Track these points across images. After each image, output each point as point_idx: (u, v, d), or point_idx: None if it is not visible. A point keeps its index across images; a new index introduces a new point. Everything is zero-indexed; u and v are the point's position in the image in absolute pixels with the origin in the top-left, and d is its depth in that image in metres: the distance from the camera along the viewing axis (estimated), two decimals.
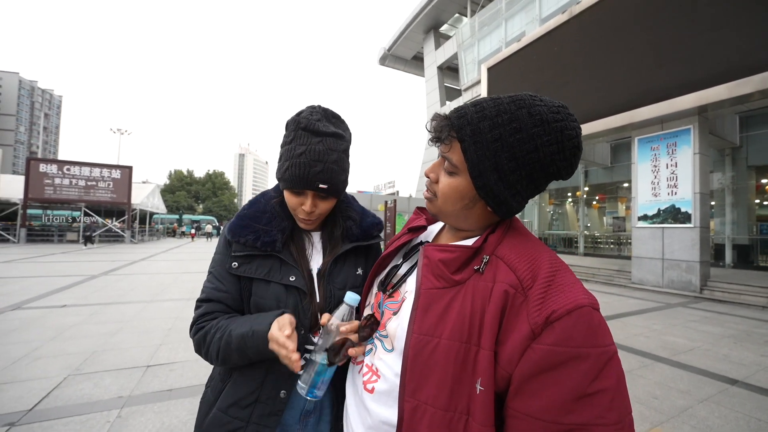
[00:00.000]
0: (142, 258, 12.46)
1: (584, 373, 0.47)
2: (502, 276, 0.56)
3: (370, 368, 0.68)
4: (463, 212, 0.64)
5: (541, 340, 0.49)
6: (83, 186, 18.77)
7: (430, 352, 0.56)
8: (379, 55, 27.10)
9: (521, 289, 0.53)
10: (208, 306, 0.85)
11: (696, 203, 7.62)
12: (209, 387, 0.89)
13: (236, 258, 0.85)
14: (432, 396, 0.55)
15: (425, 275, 0.62)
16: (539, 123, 0.55)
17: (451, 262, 0.60)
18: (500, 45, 16.26)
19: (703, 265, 7.59)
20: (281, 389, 0.81)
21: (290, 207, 0.87)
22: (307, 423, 0.85)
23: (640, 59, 8.28)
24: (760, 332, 4.77)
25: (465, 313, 0.55)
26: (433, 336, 0.56)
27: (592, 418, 0.46)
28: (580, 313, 0.49)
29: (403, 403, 0.57)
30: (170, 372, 2.98)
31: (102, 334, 3.91)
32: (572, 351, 0.47)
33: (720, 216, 11.79)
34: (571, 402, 0.46)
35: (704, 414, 2.51)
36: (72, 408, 2.35)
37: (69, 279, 7.47)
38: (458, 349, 0.54)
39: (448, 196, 0.63)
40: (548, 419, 0.47)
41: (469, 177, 0.60)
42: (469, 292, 0.57)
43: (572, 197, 17.24)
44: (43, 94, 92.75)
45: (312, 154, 0.79)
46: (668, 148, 8.17)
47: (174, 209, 47.70)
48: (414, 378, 0.57)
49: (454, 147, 0.61)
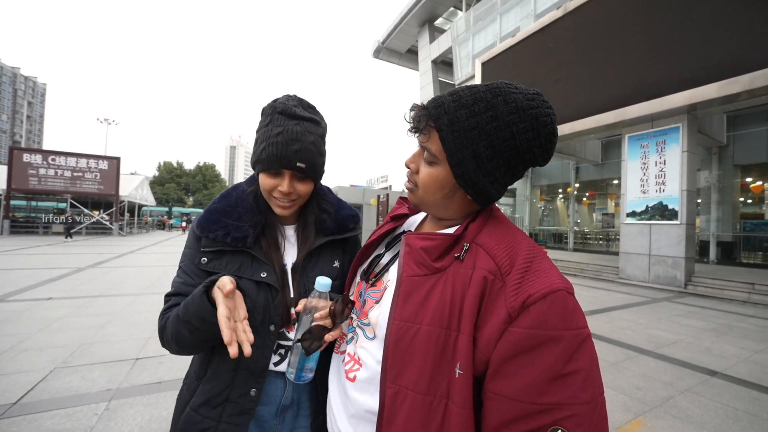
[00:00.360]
0: (130, 251, 12.27)
1: (558, 354, 0.48)
2: (481, 263, 0.56)
3: (352, 357, 0.69)
4: (443, 201, 0.64)
5: (518, 324, 0.50)
6: (69, 177, 18.33)
7: (411, 338, 0.57)
8: (373, 48, 26.82)
9: (500, 275, 0.54)
10: (176, 299, 0.82)
11: (683, 200, 7.78)
12: (185, 384, 0.87)
13: (205, 253, 0.82)
14: (413, 381, 0.56)
15: (407, 263, 0.62)
16: (515, 110, 0.56)
17: (432, 250, 0.60)
18: (495, 40, 16.23)
19: (688, 261, 7.78)
20: (251, 387, 0.79)
21: (266, 190, 0.83)
22: (284, 418, 0.84)
23: (632, 57, 8.36)
24: (741, 326, 4.93)
25: (445, 299, 0.56)
26: (414, 322, 0.57)
27: (565, 397, 0.47)
28: (555, 297, 0.50)
29: (384, 389, 0.58)
30: (159, 365, 2.96)
31: (90, 326, 3.85)
32: (547, 333, 0.49)
33: (705, 213, 12.08)
34: (546, 383, 0.48)
35: (685, 404, 2.60)
36: (59, 401, 2.32)
37: (55, 271, 7.32)
38: (438, 334, 0.55)
39: (428, 186, 0.63)
40: (524, 400, 0.48)
41: (448, 166, 0.60)
42: (449, 279, 0.58)
43: (563, 193, 17.45)
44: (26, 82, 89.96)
45: (289, 134, 0.78)
46: (657, 146, 8.30)
47: (163, 202, 46.98)
48: (395, 364, 0.57)
49: (433, 136, 0.61)
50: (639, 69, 8.23)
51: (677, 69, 7.57)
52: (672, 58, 7.66)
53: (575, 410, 0.47)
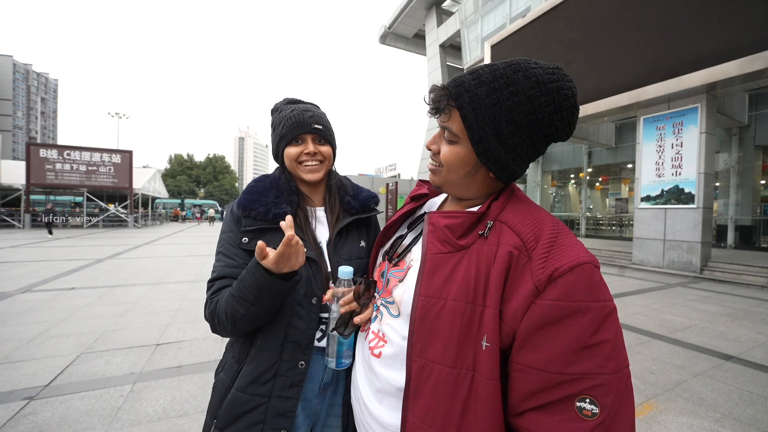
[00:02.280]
0: (146, 242, 12.59)
1: (586, 325, 0.49)
2: (506, 239, 0.58)
3: (376, 334, 0.71)
4: (466, 180, 0.65)
5: (545, 296, 0.51)
6: (84, 171, 18.77)
7: (436, 313, 0.58)
8: (379, 33, 26.32)
9: (525, 250, 0.55)
10: (221, 282, 0.84)
11: (700, 184, 7.56)
12: (222, 371, 0.88)
13: (247, 233, 0.86)
14: (439, 354, 0.57)
15: (431, 241, 0.63)
16: (535, 85, 0.56)
17: (456, 228, 0.61)
18: (504, 21, 15.75)
19: (704, 246, 7.61)
20: (300, 360, 0.82)
21: (293, 159, 0.91)
22: (325, 396, 0.87)
23: (647, 35, 8.03)
24: (758, 311, 4.84)
25: (470, 275, 0.57)
26: (440, 298, 0.59)
27: (592, 367, 0.48)
28: (582, 270, 0.51)
29: (411, 363, 0.60)
30: (179, 350, 3.07)
31: (111, 314, 4.00)
32: (574, 305, 0.50)
33: (724, 197, 11.71)
34: (573, 353, 0.49)
35: (698, 387, 2.59)
36: (87, 383, 2.44)
37: (76, 263, 7.58)
38: (464, 309, 0.56)
39: (451, 164, 0.64)
40: (552, 370, 0.50)
41: (470, 144, 0.61)
42: (474, 256, 0.59)
43: (575, 179, 17.12)
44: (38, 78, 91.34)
45: (301, 108, 0.92)
46: (674, 128, 8.04)
47: (175, 194, 47.76)
48: (421, 338, 0.59)
49: (454, 116, 0.62)
50: (655, 48, 7.91)
51: (695, 46, 7.25)
52: (689, 34, 7.33)
53: (602, 380, 0.48)
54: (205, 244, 12.24)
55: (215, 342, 3.26)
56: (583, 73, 9.42)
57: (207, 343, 3.22)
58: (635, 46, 8.27)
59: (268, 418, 0.79)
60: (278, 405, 0.80)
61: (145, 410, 2.15)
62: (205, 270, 7.08)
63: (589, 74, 9.28)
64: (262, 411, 0.79)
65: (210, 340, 3.29)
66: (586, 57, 9.39)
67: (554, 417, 0.50)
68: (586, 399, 0.48)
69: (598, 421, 0.47)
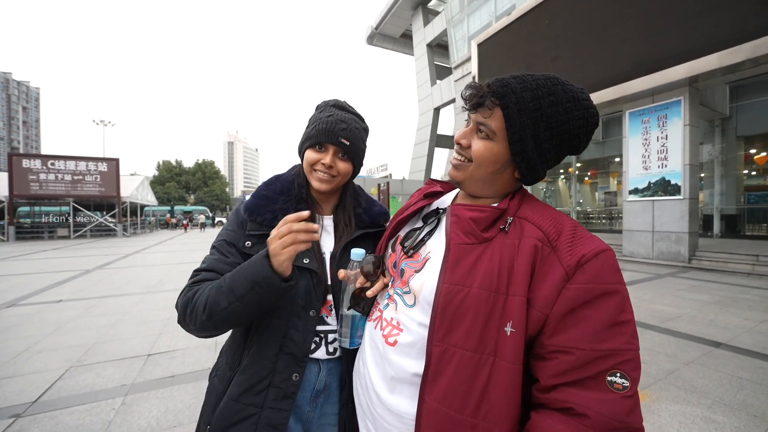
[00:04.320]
0: (135, 251, 12.38)
1: (615, 305, 0.55)
2: (528, 232, 0.63)
3: (389, 323, 0.73)
4: (492, 177, 0.69)
5: (575, 281, 0.56)
6: (70, 180, 18.35)
7: (460, 300, 0.61)
8: (366, 34, 26.33)
9: (548, 242, 0.61)
10: (206, 274, 0.81)
11: (686, 175, 7.71)
12: (215, 377, 0.87)
13: (251, 237, 0.85)
14: (461, 340, 0.60)
15: (455, 232, 0.67)
16: (572, 99, 0.63)
17: (481, 221, 0.65)
18: (490, 20, 15.88)
19: (691, 236, 7.76)
20: (294, 372, 0.81)
21: (309, 164, 0.89)
22: (317, 404, 0.87)
23: (631, 30, 8.17)
24: (745, 297, 4.95)
25: (494, 266, 0.61)
26: (464, 286, 0.62)
27: (622, 344, 0.54)
28: (606, 255, 0.57)
29: (431, 348, 0.62)
30: (171, 359, 3.02)
31: (101, 326, 3.92)
32: (603, 287, 0.55)
33: (709, 187, 11.98)
34: (604, 330, 0.54)
35: (689, 375, 2.63)
36: (76, 398, 2.38)
37: (63, 274, 7.41)
38: (488, 297, 0.60)
39: (483, 159, 0.67)
40: (585, 347, 0.54)
41: (507, 142, 0.65)
42: (496, 249, 0.63)
43: (564, 174, 17.33)
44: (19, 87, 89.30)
45: (339, 116, 0.88)
46: (659, 121, 8.19)
47: (165, 201, 47.09)
48: (444, 324, 0.62)
49: (495, 113, 0.65)
50: (638, 43, 8.05)
51: (677, 40, 7.40)
52: (671, 29, 7.48)
53: (631, 355, 0.53)
54: (197, 251, 12.08)
55: (209, 350, 3.21)
56: (569, 69, 9.54)
57: (200, 352, 3.17)
58: (619, 41, 8.41)
59: (259, 429, 0.78)
60: (270, 416, 0.78)
61: (137, 422, 2.11)
62: None
63: (575, 70, 9.40)
64: (254, 422, 0.78)
65: (203, 348, 3.24)
66: (572, 53, 9.52)
67: (587, 392, 0.53)
68: (617, 373, 0.53)
69: (629, 394, 0.52)
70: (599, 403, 0.52)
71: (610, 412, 0.51)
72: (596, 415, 0.51)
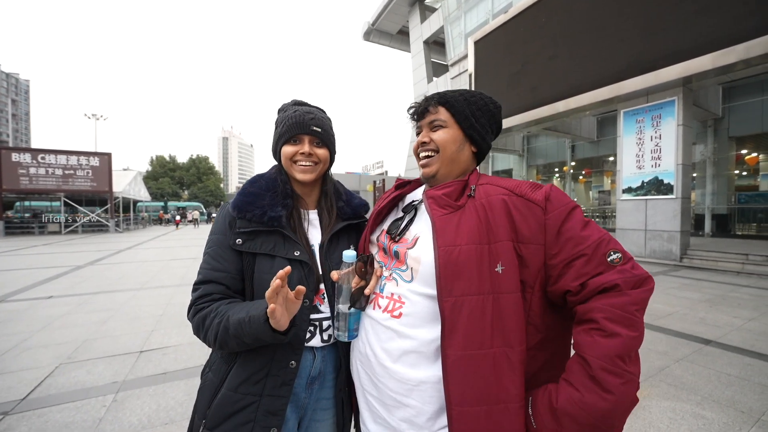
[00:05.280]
0: (128, 247, 12.25)
1: (580, 212, 0.75)
2: (492, 191, 0.79)
3: (391, 298, 0.81)
4: (457, 156, 0.86)
5: (549, 210, 0.74)
6: (61, 175, 18.08)
7: (455, 257, 0.73)
8: (363, 30, 26.15)
9: (513, 195, 0.77)
10: (206, 288, 0.85)
11: (678, 174, 7.79)
12: (210, 371, 0.89)
13: (241, 234, 0.87)
14: (464, 288, 0.72)
15: (433, 208, 0.80)
16: (483, 95, 0.90)
17: (452, 193, 0.81)
18: (487, 17, 15.85)
19: (683, 235, 7.86)
20: (290, 360, 0.85)
21: (288, 158, 0.94)
22: (312, 390, 0.91)
23: (626, 30, 8.20)
24: (734, 296, 5.02)
25: (473, 223, 0.76)
26: (455, 245, 0.74)
27: (601, 234, 0.73)
28: (554, 188, 0.77)
29: (443, 305, 0.72)
30: (164, 356, 2.99)
31: (92, 322, 3.87)
32: (568, 205, 0.75)
33: (701, 187, 12.13)
34: (584, 230, 0.73)
35: (680, 372, 2.67)
36: (66, 395, 2.35)
37: (54, 270, 7.32)
38: (476, 249, 0.73)
39: (446, 142, 0.85)
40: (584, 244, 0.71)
41: (457, 125, 0.86)
42: (471, 211, 0.78)
43: (559, 172, 17.43)
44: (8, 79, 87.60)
45: (304, 110, 0.95)
46: (653, 120, 8.25)
47: (158, 196, 46.61)
48: (447, 281, 0.73)
49: (440, 110, 0.87)
50: (633, 43, 8.09)
51: (671, 41, 7.45)
52: (666, 30, 7.53)
53: (610, 237, 0.73)
54: (191, 247, 11.99)
55: (201, 347, 3.19)
56: (566, 68, 9.57)
57: (193, 348, 3.15)
58: (615, 40, 8.44)
59: (258, 416, 0.81)
60: (269, 403, 0.82)
61: (129, 419, 2.09)
62: (191, 273, 6.92)
63: (571, 68, 9.44)
64: (253, 410, 0.81)
65: (196, 345, 3.22)
66: (568, 52, 9.54)
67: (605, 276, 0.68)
68: (611, 253, 0.70)
69: (626, 261, 0.70)
70: (617, 276, 0.68)
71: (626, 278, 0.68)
72: (623, 282, 0.67)
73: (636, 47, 8.05)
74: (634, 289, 0.67)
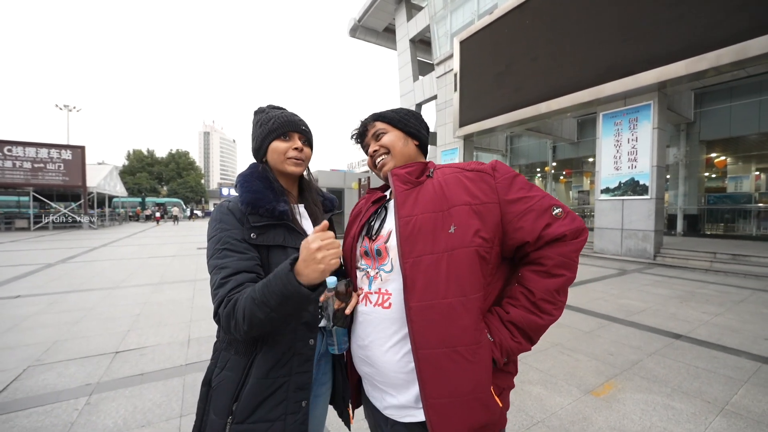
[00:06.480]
0: (102, 244, 11.78)
1: (522, 177, 0.92)
2: (448, 171, 0.93)
3: (378, 292, 0.91)
4: (404, 149, 1.01)
5: (498, 177, 0.89)
6: (29, 168, 17.19)
7: (413, 225, 0.85)
8: (349, 26, 25.92)
9: (464, 171, 0.92)
10: (237, 278, 0.84)
11: (653, 176, 8.10)
12: (224, 370, 0.90)
13: (254, 229, 0.92)
14: (421, 249, 0.83)
15: (396, 184, 0.92)
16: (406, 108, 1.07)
17: (414, 172, 0.94)
18: (473, 17, 15.99)
19: (657, 234, 8.18)
20: (309, 338, 0.94)
21: (280, 153, 1.00)
22: (320, 366, 1.02)
23: (606, 35, 8.44)
24: (703, 292, 5.28)
25: (428, 196, 0.88)
26: (412, 215, 0.86)
27: (544, 193, 0.89)
28: (498, 162, 0.94)
29: (404, 264, 0.83)
30: (141, 357, 2.90)
31: (63, 323, 3.71)
32: (511, 173, 0.91)
33: (674, 188, 12.65)
34: (529, 190, 0.89)
35: (652, 366, 2.78)
36: (35, 399, 2.25)
37: (22, 268, 6.97)
38: (430, 216, 0.85)
39: (393, 141, 1.00)
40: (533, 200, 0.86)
41: (395, 128, 1.02)
42: (428, 186, 0.90)
43: (541, 172, 17.83)
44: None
45: (288, 112, 1.03)
46: (630, 123, 8.54)
47: (136, 192, 44.99)
48: (407, 245, 0.84)
49: (377, 124, 1.03)
50: (613, 47, 8.34)
51: (648, 47, 7.71)
52: (643, 36, 7.79)
53: (551, 196, 0.89)
54: (170, 245, 11.63)
55: (180, 346, 3.11)
56: (548, 70, 9.77)
57: (171, 348, 3.07)
58: (595, 45, 8.68)
59: (290, 394, 0.89)
60: (298, 380, 0.90)
61: (103, 422, 2.01)
62: (169, 271, 6.73)
63: (553, 71, 9.65)
64: (285, 389, 0.89)
65: (175, 345, 3.13)
66: (551, 54, 9.74)
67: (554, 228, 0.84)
68: (554, 208, 0.87)
69: (565, 214, 0.87)
70: (564, 228, 0.85)
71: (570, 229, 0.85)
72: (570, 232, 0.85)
73: (615, 52, 8.30)
74: (575, 239, 0.86)
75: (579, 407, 2.21)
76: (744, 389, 2.41)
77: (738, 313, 4.16)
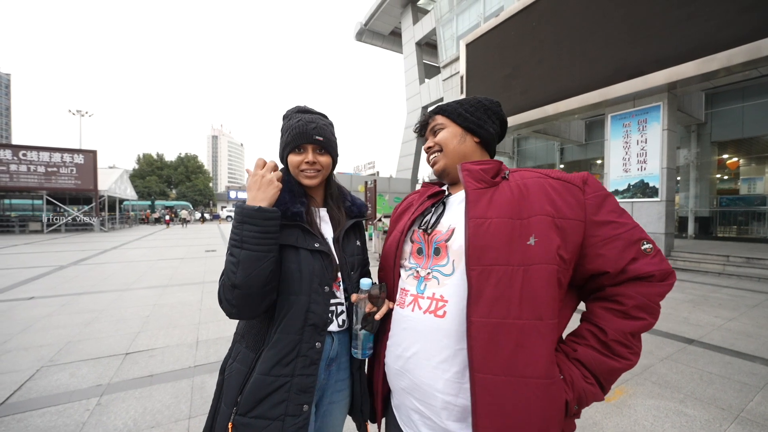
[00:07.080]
0: (113, 246, 11.97)
1: (614, 199, 0.81)
2: (527, 176, 0.83)
3: (432, 298, 0.82)
4: (459, 147, 0.92)
5: (587, 193, 0.79)
6: (43, 172, 17.57)
7: (485, 229, 0.75)
8: (355, 30, 26.11)
9: (549, 178, 0.81)
10: None
11: (663, 178, 7.97)
12: (235, 362, 0.94)
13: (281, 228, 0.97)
14: (493, 258, 0.73)
15: (468, 181, 0.82)
16: (478, 97, 0.96)
17: (489, 170, 0.83)
18: (479, 20, 15.99)
19: (667, 237, 8.04)
20: (316, 341, 0.92)
21: (295, 167, 1.01)
22: (330, 371, 1.00)
23: (614, 36, 8.36)
24: (715, 296, 5.17)
25: (505, 200, 0.78)
26: (485, 218, 0.77)
27: (635, 223, 0.79)
28: (590, 175, 0.82)
29: (470, 272, 0.74)
30: (150, 358, 2.93)
31: (75, 324, 3.78)
32: (604, 191, 0.80)
33: (684, 190, 12.44)
34: (620, 215, 0.79)
35: (664, 371, 2.73)
36: (48, 399, 2.29)
37: (36, 270, 7.11)
38: (507, 223, 0.75)
39: (447, 138, 0.92)
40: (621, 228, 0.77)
41: (454, 123, 0.93)
42: (505, 189, 0.81)
43: None
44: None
45: (307, 119, 1.02)
46: (639, 125, 8.43)
47: (145, 195, 45.66)
48: (476, 250, 0.75)
49: (437, 118, 0.96)
50: (621, 48, 8.25)
51: (657, 47, 7.62)
52: (652, 36, 7.70)
53: (643, 230, 0.79)
54: (179, 247, 11.76)
55: (189, 348, 3.14)
56: (555, 71, 9.71)
57: (180, 350, 3.10)
58: (603, 46, 8.60)
59: (291, 395, 0.88)
60: (300, 382, 0.89)
61: (113, 423, 2.04)
62: (178, 274, 6.81)
63: (560, 72, 9.58)
64: (286, 389, 0.88)
65: (184, 347, 3.17)
66: (558, 56, 9.68)
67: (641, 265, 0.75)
68: (644, 242, 0.77)
69: (656, 253, 0.77)
70: (653, 267, 0.74)
71: (659, 270, 0.75)
72: (658, 273, 0.74)
73: (623, 53, 8.21)
74: (662, 281, 0.75)
75: (589, 412, 2.18)
76: (760, 396, 2.36)
77: (752, 318, 4.07)
